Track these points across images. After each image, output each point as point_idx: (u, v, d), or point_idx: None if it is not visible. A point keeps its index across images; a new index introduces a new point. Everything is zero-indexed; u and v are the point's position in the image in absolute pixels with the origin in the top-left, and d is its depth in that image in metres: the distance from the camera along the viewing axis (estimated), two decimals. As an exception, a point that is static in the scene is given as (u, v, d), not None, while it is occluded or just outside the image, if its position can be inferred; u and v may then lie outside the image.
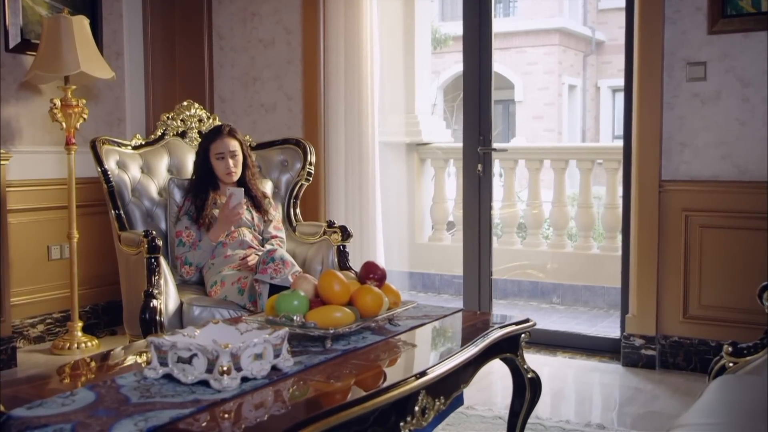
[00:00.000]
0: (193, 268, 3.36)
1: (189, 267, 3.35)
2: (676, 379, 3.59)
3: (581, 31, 15.35)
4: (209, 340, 1.84)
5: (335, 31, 4.34)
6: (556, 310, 5.49)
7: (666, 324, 3.72)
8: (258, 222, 3.49)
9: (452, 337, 2.41)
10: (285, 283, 2.95)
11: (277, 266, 3.01)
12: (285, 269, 3.01)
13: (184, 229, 3.38)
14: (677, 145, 3.67)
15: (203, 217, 3.36)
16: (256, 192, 3.52)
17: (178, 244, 3.38)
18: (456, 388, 2.10)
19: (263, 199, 3.53)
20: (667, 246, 3.69)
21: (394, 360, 2.11)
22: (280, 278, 2.98)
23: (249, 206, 3.49)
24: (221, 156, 3.40)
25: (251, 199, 3.50)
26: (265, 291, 2.99)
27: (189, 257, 3.34)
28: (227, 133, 3.43)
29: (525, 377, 2.49)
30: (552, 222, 5.73)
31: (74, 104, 4.01)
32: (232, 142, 3.43)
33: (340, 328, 2.09)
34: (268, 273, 3.00)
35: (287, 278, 2.97)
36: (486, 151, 4.24)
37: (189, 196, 3.43)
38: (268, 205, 3.53)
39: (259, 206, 3.50)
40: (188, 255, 3.34)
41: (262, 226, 3.51)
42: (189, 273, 3.36)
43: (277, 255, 3.05)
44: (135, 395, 1.69)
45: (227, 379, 1.71)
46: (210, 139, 3.44)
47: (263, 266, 3.02)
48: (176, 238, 3.39)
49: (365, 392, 1.78)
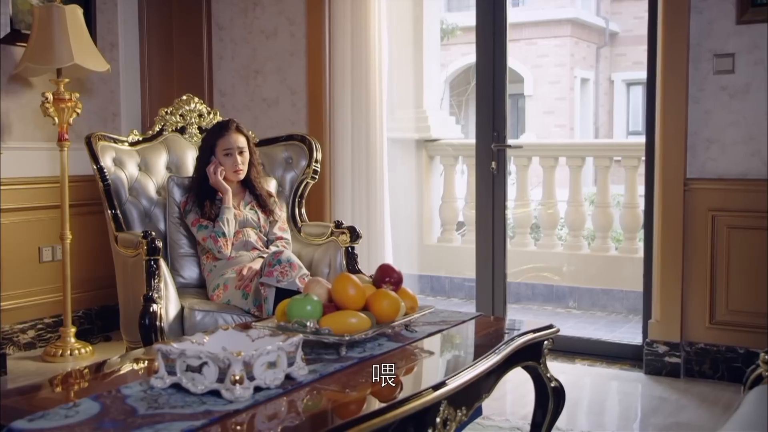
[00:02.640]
0: (228, 241, 3.31)
1: (224, 239, 3.29)
2: (703, 388, 3.57)
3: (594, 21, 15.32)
4: (219, 348, 1.83)
5: (341, 22, 4.33)
6: (573, 314, 5.47)
7: (691, 330, 3.70)
8: (264, 223, 3.47)
9: (473, 344, 2.40)
10: (292, 286, 2.94)
11: (283, 269, 3.00)
12: (292, 272, 3.00)
13: (196, 218, 3.35)
14: (703, 142, 3.65)
15: (207, 215, 3.34)
16: (261, 191, 3.50)
17: (199, 229, 3.33)
18: (478, 398, 2.09)
19: (268, 198, 3.52)
20: (693, 248, 3.67)
21: (412, 368, 2.10)
22: (287, 282, 2.97)
23: (254, 206, 3.48)
24: (229, 152, 3.38)
25: (256, 198, 3.49)
26: (270, 295, 2.98)
27: (218, 230, 3.29)
28: (235, 129, 3.42)
29: (548, 386, 2.48)
30: (567, 222, 5.72)
31: (67, 98, 3.99)
32: (240, 137, 3.41)
33: (355, 335, 2.08)
34: (274, 276, 2.98)
35: (294, 282, 2.96)
36: (500, 147, 4.22)
37: (191, 194, 3.41)
38: (273, 205, 3.52)
39: (265, 206, 3.49)
40: (216, 230, 3.30)
41: (268, 227, 3.49)
42: (227, 246, 3.30)
43: (284, 257, 3.04)
44: (142, 406, 1.68)
45: (240, 389, 1.69)
46: (216, 134, 3.42)
47: (269, 269, 3.00)
48: (193, 226, 3.35)
49: (384, 403, 1.77)
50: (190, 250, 3.52)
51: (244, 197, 3.48)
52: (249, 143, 3.46)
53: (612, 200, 5.65)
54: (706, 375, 3.67)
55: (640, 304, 4.05)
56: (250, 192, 3.49)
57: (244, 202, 3.47)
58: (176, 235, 3.52)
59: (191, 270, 3.52)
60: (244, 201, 3.47)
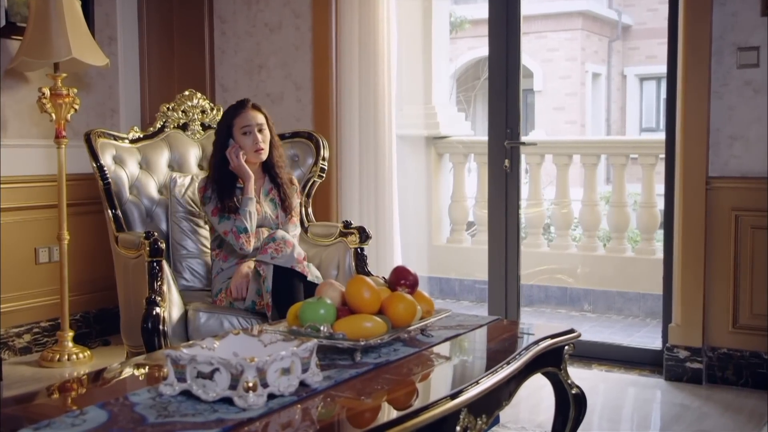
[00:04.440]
0: (251, 236, 3.21)
1: (246, 235, 3.20)
2: (726, 395, 3.55)
3: (606, 14, 15.29)
4: (230, 353, 1.82)
5: (348, 14, 4.30)
6: (587, 318, 5.45)
7: (713, 334, 3.68)
8: (282, 220, 3.36)
9: (492, 349, 2.38)
10: (287, 263, 2.97)
11: (278, 246, 3.03)
12: (287, 248, 3.02)
13: (216, 208, 3.24)
14: (726, 139, 3.63)
15: (227, 207, 3.22)
16: (283, 178, 3.38)
17: (221, 220, 3.22)
18: (498, 405, 2.08)
19: (290, 186, 3.40)
20: (715, 249, 3.66)
21: (430, 375, 2.08)
22: (282, 257, 2.99)
23: (274, 195, 3.37)
24: (248, 130, 3.28)
25: (276, 186, 3.38)
26: (269, 273, 3.00)
27: (239, 225, 3.20)
28: (252, 106, 3.33)
29: (569, 393, 2.47)
30: (582, 222, 5.70)
31: (65, 94, 3.99)
32: (258, 115, 3.32)
33: (371, 340, 2.07)
34: (268, 253, 3.01)
35: (292, 257, 2.99)
36: (514, 145, 4.21)
37: (210, 181, 3.29)
38: (293, 192, 3.41)
39: (285, 197, 3.36)
40: (237, 224, 3.19)
41: (282, 224, 3.36)
42: (249, 242, 3.21)
43: (278, 235, 3.08)
44: (151, 414, 1.67)
45: (253, 396, 1.68)
46: (233, 113, 3.32)
47: (263, 247, 3.05)
48: (213, 216, 3.23)
49: (402, 412, 1.75)
50: (193, 251, 3.51)
51: (264, 183, 3.37)
52: (268, 121, 3.36)
53: (628, 199, 5.62)
54: (729, 381, 3.65)
55: (658, 307, 4.04)
56: (271, 178, 3.38)
57: (264, 190, 3.36)
58: (179, 236, 3.51)
59: (194, 272, 3.51)
60: (264, 189, 3.36)
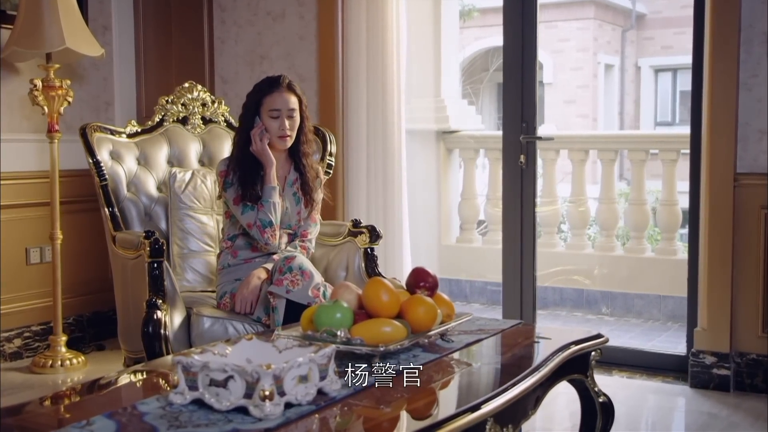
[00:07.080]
0: (276, 230, 3.11)
1: (271, 229, 3.09)
2: (756, 403, 3.54)
3: (620, 2, 15.25)
4: (244, 360, 1.80)
5: (356, 3, 4.28)
6: (605, 321, 5.44)
7: (742, 339, 3.67)
8: (304, 217, 3.26)
9: (517, 355, 2.37)
10: (303, 300, 2.83)
11: (294, 277, 2.88)
12: (303, 281, 2.88)
13: (238, 195, 3.12)
14: (756, 133, 3.62)
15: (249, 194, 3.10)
16: (309, 171, 3.23)
17: (244, 210, 3.09)
18: (524, 414, 2.07)
19: (314, 180, 3.26)
20: (743, 249, 3.64)
21: (452, 382, 2.07)
22: (297, 292, 2.86)
23: (297, 188, 3.24)
24: (276, 114, 3.12)
25: (301, 177, 3.22)
26: (280, 306, 2.89)
27: (264, 219, 3.08)
28: (287, 87, 3.14)
29: (596, 401, 2.45)
30: (599, 221, 5.69)
31: (57, 86, 3.97)
32: (291, 98, 3.13)
33: (390, 345, 2.05)
34: (283, 285, 2.87)
35: (307, 293, 2.85)
36: (530, 140, 4.19)
37: (232, 164, 3.16)
38: (318, 186, 3.29)
39: (308, 192, 3.23)
40: (261, 217, 3.08)
41: (303, 221, 3.28)
42: (275, 236, 3.11)
43: (296, 264, 2.90)
44: (162, 425, 1.65)
45: (270, 406, 1.66)
46: (264, 91, 3.13)
47: (279, 276, 2.89)
48: (235, 204, 3.11)
49: (426, 423, 1.74)
50: (195, 249, 3.48)
51: (289, 173, 3.25)
52: (302, 106, 3.17)
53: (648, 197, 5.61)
54: (758, 389, 3.64)
55: (680, 310, 4.03)
56: (296, 168, 3.24)
57: (289, 180, 3.24)
58: (179, 234, 3.49)
59: (196, 272, 3.48)
60: (289, 180, 3.24)
